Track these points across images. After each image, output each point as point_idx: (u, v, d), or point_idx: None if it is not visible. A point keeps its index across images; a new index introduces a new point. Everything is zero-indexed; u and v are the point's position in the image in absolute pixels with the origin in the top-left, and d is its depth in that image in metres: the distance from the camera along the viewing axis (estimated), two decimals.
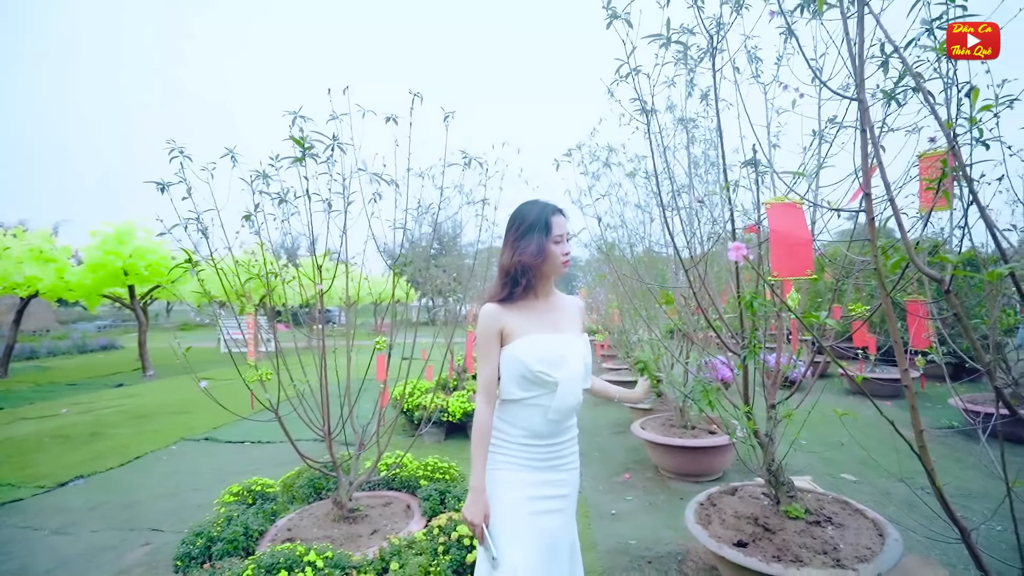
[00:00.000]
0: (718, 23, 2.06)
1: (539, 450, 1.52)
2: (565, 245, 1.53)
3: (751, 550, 2.20)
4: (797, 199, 1.42)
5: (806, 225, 1.43)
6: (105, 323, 28.46)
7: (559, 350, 1.47)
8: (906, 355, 1.49)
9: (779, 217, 1.38)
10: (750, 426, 2.40)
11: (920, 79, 1.63)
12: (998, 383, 1.17)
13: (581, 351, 1.52)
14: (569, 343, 1.52)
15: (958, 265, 1.09)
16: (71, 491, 4.30)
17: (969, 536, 1.21)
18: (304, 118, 2.47)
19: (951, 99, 1.51)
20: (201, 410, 7.42)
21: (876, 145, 1.27)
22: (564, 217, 1.55)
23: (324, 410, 2.58)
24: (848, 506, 2.54)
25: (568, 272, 1.62)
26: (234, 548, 2.28)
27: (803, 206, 1.47)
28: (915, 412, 1.22)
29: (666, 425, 4.33)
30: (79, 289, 10.15)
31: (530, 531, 1.46)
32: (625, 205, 4.87)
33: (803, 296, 2.76)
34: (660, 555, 2.87)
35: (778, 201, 1.42)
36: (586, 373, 1.54)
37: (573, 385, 1.47)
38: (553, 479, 1.54)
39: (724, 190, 1.91)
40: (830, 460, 4.38)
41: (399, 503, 2.81)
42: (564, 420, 1.53)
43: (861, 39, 1.21)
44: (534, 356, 1.45)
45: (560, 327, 1.54)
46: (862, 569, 1.98)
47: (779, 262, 1.36)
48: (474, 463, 1.49)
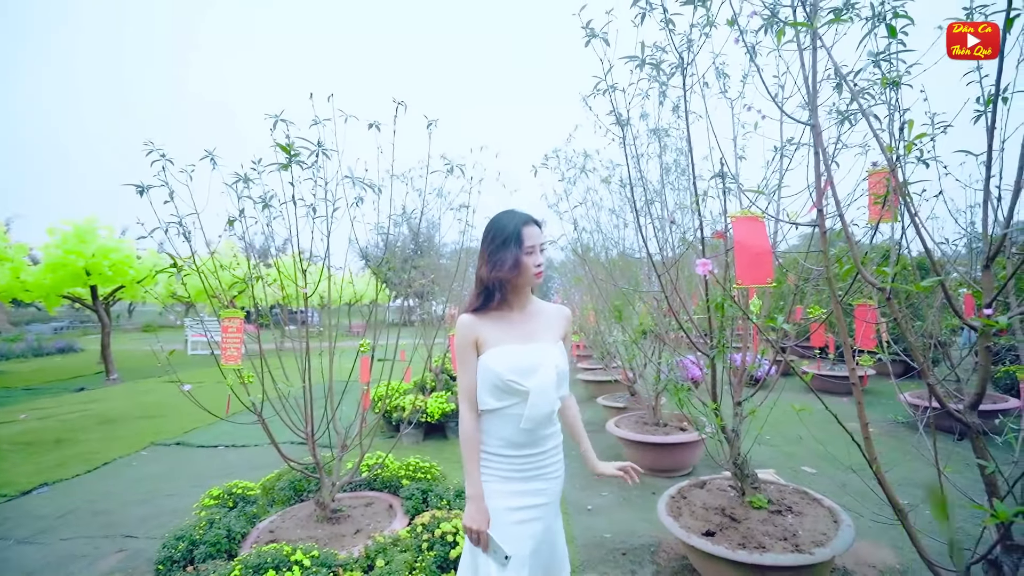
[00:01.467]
0: (688, 40, 2.20)
1: (518, 461, 1.51)
2: (537, 256, 1.52)
3: (718, 539, 2.35)
4: (759, 213, 1.56)
5: (767, 237, 1.57)
6: (61, 324, 27.21)
7: (531, 359, 1.48)
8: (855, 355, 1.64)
9: (743, 229, 1.51)
10: (718, 422, 2.55)
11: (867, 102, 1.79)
12: (930, 380, 1.32)
13: (554, 359, 1.50)
14: (542, 352, 1.51)
15: (895, 276, 1.23)
16: (36, 499, 4.17)
17: (907, 518, 1.35)
18: (286, 122, 2.50)
19: (893, 123, 1.67)
20: (171, 414, 7.25)
21: (828, 166, 1.40)
22: (538, 226, 1.54)
23: (307, 412, 2.61)
24: (807, 496, 2.72)
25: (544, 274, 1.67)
26: (217, 551, 2.29)
27: (764, 219, 1.61)
28: (861, 408, 1.36)
29: (639, 423, 4.48)
30: (37, 289, 9.72)
31: (516, 538, 1.47)
32: (600, 210, 5.02)
33: (767, 301, 2.94)
34: (634, 547, 3.00)
35: (742, 215, 1.55)
36: (559, 381, 1.52)
37: (545, 394, 1.46)
38: (535, 488, 1.53)
39: (694, 203, 2.04)
40: (791, 454, 4.62)
41: (381, 503, 2.86)
42: (540, 429, 1.52)
43: (814, 72, 1.34)
44: (505, 366, 1.46)
45: (535, 336, 1.54)
46: (818, 553, 2.14)
47: (743, 271, 1.49)
48: (468, 472, 1.50)
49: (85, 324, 28.11)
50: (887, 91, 1.57)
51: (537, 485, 1.53)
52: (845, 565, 2.68)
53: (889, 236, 3.06)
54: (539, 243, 1.53)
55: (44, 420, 7.03)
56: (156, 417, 7.11)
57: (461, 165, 2.83)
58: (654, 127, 3.26)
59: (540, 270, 1.53)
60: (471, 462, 1.51)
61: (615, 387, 6.45)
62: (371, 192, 2.71)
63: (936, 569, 1.27)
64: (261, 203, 2.43)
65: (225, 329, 2.20)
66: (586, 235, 5.23)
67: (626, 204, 4.68)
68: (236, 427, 6.20)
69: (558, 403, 1.54)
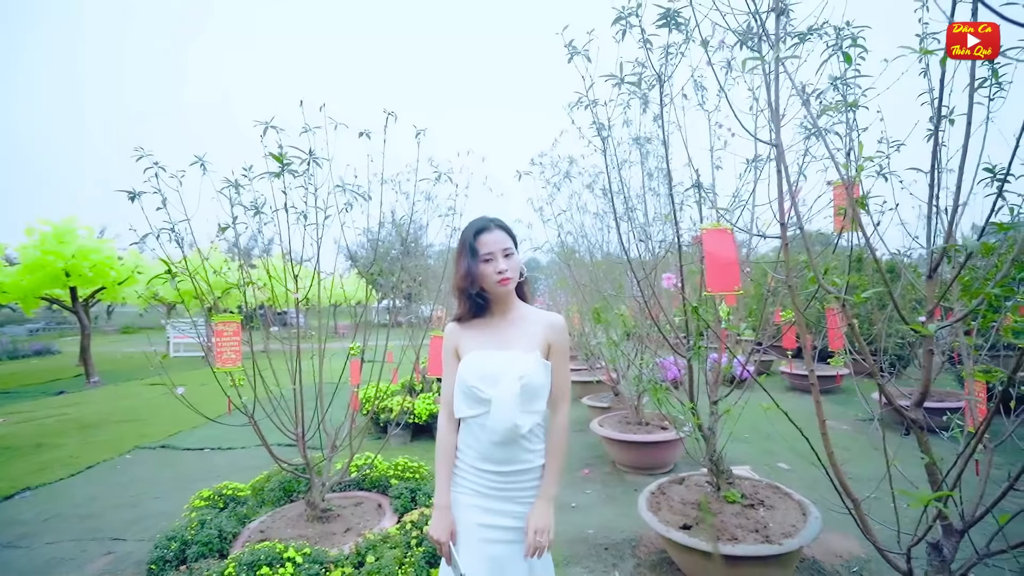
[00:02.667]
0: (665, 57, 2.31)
1: (491, 477, 1.46)
2: (499, 263, 1.44)
3: (694, 532, 2.47)
4: (728, 225, 1.67)
5: (735, 248, 1.68)
6: (37, 326, 26.56)
7: (496, 366, 1.42)
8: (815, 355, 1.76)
9: (713, 241, 1.63)
10: (695, 421, 2.67)
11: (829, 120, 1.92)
12: (879, 380, 1.44)
13: (520, 368, 1.41)
14: (510, 360, 1.43)
15: (848, 284, 1.35)
16: (19, 504, 4.14)
17: (859, 506, 1.48)
18: (277, 128, 2.56)
19: (851, 141, 1.81)
20: (154, 417, 7.19)
21: (790, 183, 1.52)
22: (499, 231, 1.47)
23: (298, 414, 2.66)
24: (779, 490, 2.86)
25: (531, 276, 1.68)
26: (209, 550, 2.34)
27: (732, 231, 1.72)
28: (819, 405, 1.48)
29: (622, 423, 4.61)
30: (14, 291, 9.52)
31: (479, 557, 1.43)
32: (585, 214, 5.14)
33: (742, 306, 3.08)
34: (616, 542, 3.11)
35: (712, 227, 1.66)
36: (526, 393, 1.41)
37: (504, 404, 1.38)
38: (506, 510, 1.46)
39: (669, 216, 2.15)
40: (768, 451, 4.79)
41: (370, 502, 2.93)
42: (512, 446, 1.44)
43: (777, 96, 1.46)
44: (471, 372, 1.43)
45: (510, 344, 1.47)
46: (787, 543, 2.27)
47: (712, 280, 1.61)
48: (438, 480, 1.49)
49: (62, 326, 27.49)
50: (846, 112, 1.70)
51: (508, 507, 1.46)
52: (814, 555, 2.83)
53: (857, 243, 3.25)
54: (501, 248, 1.45)
55: (22, 424, 6.92)
56: (139, 421, 7.04)
57: (448, 173, 2.91)
58: (636, 136, 3.39)
59: (502, 277, 1.44)
60: (441, 471, 1.49)
61: (600, 387, 6.58)
62: (361, 197, 2.78)
63: (884, 552, 1.39)
64: (253, 210, 2.48)
65: (219, 334, 2.25)
66: (571, 238, 5.36)
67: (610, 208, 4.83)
68: (222, 430, 6.19)
69: (527, 418, 1.42)
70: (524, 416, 1.42)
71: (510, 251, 1.47)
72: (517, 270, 1.49)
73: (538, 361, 1.45)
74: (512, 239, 1.50)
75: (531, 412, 1.44)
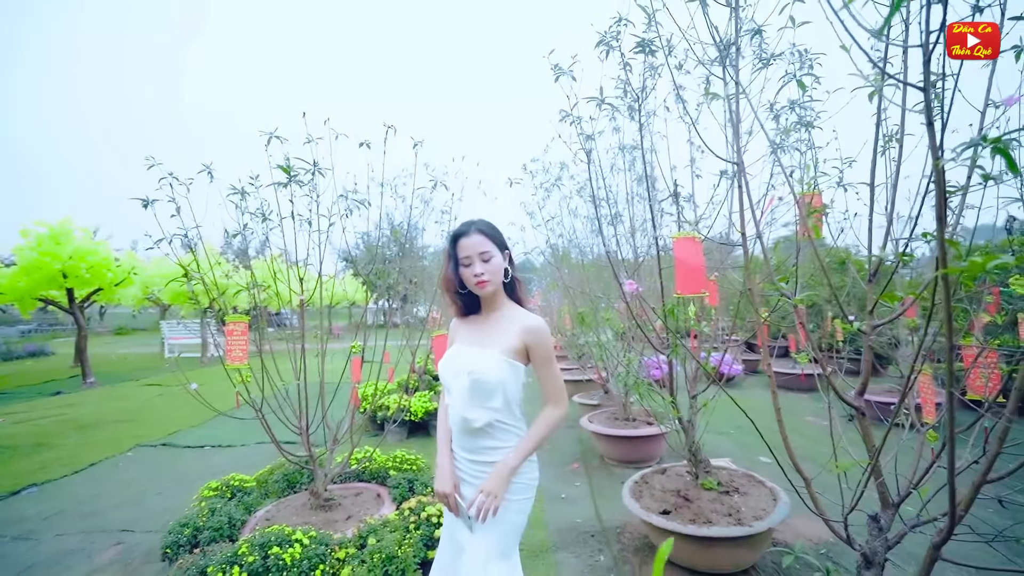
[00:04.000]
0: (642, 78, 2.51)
1: (464, 463, 1.54)
2: (476, 266, 1.49)
3: (673, 516, 2.66)
4: (696, 234, 1.86)
5: (702, 255, 1.87)
6: (28, 328, 26.37)
7: (460, 362, 1.51)
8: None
9: (682, 248, 1.81)
10: (675, 413, 2.86)
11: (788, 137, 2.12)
12: (824, 372, 1.63)
13: (472, 366, 1.47)
14: (472, 357, 1.50)
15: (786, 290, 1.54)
16: (25, 499, 4.26)
17: (809, 484, 1.67)
18: (280, 138, 2.73)
19: (808, 157, 2.01)
20: (151, 417, 7.29)
21: (752, 202, 1.71)
22: (478, 235, 1.51)
23: (301, 408, 2.83)
24: (753, 479, 3.05)
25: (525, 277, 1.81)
26: (220, 535, 2.50)
27: (700, 240, 1.91)
28: (775, 396, 1.67)
29: (611, 419, 4.80)
30: (11, 292, 9.57)
31: (446, 536, 1.59)
32: (576, 218, 5.34)
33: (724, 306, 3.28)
34: (602, 530, 3.30)
35: (683, 236, 1.85)
36: (475, 388, 1.47)
37: (456, 398, 1.49)
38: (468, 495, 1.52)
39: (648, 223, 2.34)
40: (750, 445, 4.99)
41: (370, 492, 3.09)
42: (467, 435, 1.51)
43: (737, 120, 1.65)
44: (444, 365, 1.55)
45: (486, 342, 1.53)
46: (756, 525, 2.47)
47: (681, 283, 1.79)
48: (438, 445, 1.62)
49: (53, 327, 27.31)
50: (799, 132, 1.90)
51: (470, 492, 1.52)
52: (786, 540, 3.02)
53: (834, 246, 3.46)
54: (478, 252, 1.49)
55: (21, 424, 7.00)
56: (137, 420, 7.14)
57: (443, 181, 3.08)
58: (621, 145, 3.59)
59: (478, 280, 1.49)
60: (441, 438, 1.61)
61: (590, 386, 6.78)
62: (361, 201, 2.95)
63: (828, 521, 1.59)
64: (260, 216, 2.65)
65: (230, 332, 2.41)
66: (562, 241, 5.56)
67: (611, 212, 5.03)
68: (220, 429, 6.33)
69: (479, 413, 1.48)
70: (475, 411, 1.47)
71: (488, 255, 1.50)
72: (497, 273, 1.52)
73: (498, 360, 1.47)
74: (494, 241, 1.53)
75: (485, 408, 1.48)
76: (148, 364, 13.87)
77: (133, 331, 28.39)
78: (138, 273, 11.76)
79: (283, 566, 2.03)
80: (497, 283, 1.54)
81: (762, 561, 2.74)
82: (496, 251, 1.53)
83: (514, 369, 1.49)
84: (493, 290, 1.54)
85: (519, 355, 1.50)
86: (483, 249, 1.50)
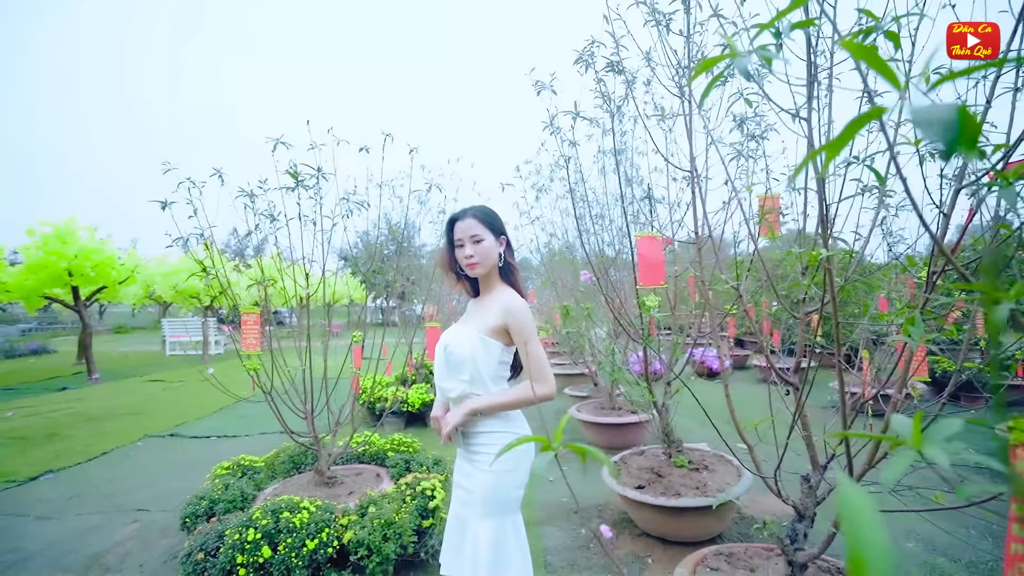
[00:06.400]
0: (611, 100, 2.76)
1: (461, 436, 1.61)
2: (467, 248, 1.55)
3: (646, 490, 2.92)
4: (657, 233, 2.11)
5: (662, 251, 2.13)
6: (29, 326, 26.56)
7: (443, 337, 1.61)
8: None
9: (644, 245, 2.07)
10: (649, 397, 3.12)
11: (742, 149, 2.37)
12: (766, 353, 1.89)
13: (448, 340, 1.57)
14: (452, 332, 1.61)
15: (742, 289, 1.80)
16: (43, 484, 4.51)
17: (752, 450, 1.93)
18: (286, 144, 2.98)
19: (758, 166, 2.26)
20: (157, 411, 7.53)
21: (705, 211, 1.97)
22: (471, 219, 1.56)
23: (307, 393, 3.08)
24: (722, 459, 3.32)
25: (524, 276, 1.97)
26: (234, 507, 2.75)
27: (660, 238, 2.17)
28: (727, 388, 1.92)
29: (598, 408, 5.06)
30: (17, 290, 9.80)
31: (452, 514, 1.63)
32: (568, 217, 5.60)
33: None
34: (585, 507, 3.56)
35: (645, 234, 2.10)
36: (449, 360, 1.55)
37: (436, 367, 1.62)
38: (463, 467, 1.61)
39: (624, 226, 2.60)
40: (730, 434, 5.26)
41: (370, 472, 3.35)
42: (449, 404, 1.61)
43: (691, 136, 1.90)
44: (440, 340, 1.64)
45: (471, 321, 1.61)
46: (719, 496, 2.73)
47: (643, 276, 2.05)
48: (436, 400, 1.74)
49: (54, 326, 27.50)
50: (748, 142, 2.15)
51: (464, 465, 1.60)
52: (752, 514, 3.29)
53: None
54: (469, 235, 1.55)
55: (31, 417, 7.24)
56: (143, 414, 7.38)
57: (438, 184, 3.34)
58: (602, 150, 3.84)
59: (468, 261, 1.57)
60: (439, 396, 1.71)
61: (582, 379, 7.04)
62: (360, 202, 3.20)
63: (765, 479, 1.85)
64: (269, 217, 2.89)
65: (245, 323, 2.67)
66: (556, 240, 5.82)
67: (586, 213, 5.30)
68: (225, 421, 6.58)
69: (454, 384, 1.55)
70: (451, 382, 1.57)
71: (478, 237, 1.55)
72: (486, 255, 1.55)
73: (472, 336, 1.53)
74: (487, 226, 1.57)
75: (457, 380, 1.55)
76: (150, 361, 14.10)
77: (132, 329, 28.59)
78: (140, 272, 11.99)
79: (293, 528, 2.28)
80: (488, 266, 1.58)
81: (728, 532, 3.01)
82: (488, 235, 1.56)
83: (486, 345, 1.52)
84: (484, 272, 1.59)
85: (496, 333, 1.52)
86: (474, 232, 1.55)
